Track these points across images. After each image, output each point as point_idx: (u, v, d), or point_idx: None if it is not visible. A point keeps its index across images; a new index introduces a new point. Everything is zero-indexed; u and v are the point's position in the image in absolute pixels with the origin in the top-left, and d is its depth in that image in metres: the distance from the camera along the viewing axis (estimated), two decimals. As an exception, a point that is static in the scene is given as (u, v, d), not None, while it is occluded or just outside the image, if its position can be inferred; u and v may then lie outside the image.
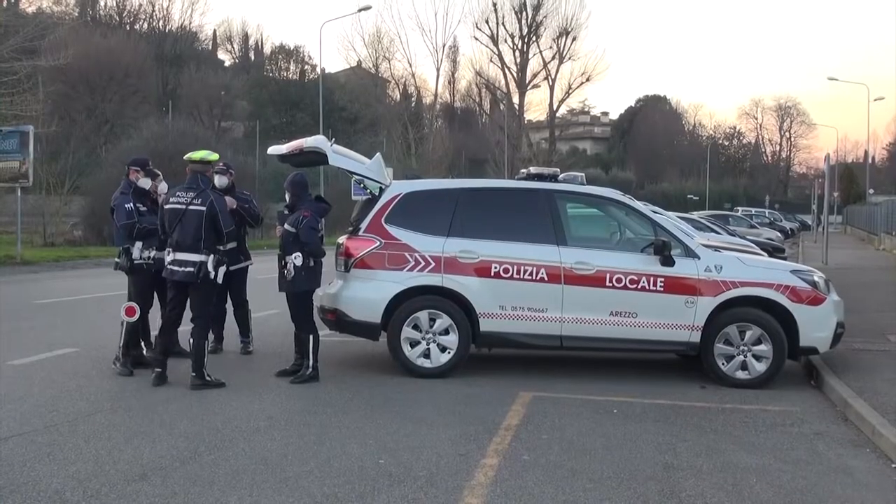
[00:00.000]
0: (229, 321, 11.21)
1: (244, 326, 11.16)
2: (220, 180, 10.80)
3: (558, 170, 10.66)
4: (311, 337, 9.60)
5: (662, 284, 9.58)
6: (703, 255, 9.77)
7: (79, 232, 40.46)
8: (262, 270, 13.81)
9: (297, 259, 9.54)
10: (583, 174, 10.75)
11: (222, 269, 9.18)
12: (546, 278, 9.62)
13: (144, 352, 10.19)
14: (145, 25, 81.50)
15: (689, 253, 9.75)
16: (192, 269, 8.98)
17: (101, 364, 10.25)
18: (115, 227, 9.83)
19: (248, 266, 11.15)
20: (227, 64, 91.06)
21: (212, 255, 9.02)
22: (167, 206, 9.13)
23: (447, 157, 70.43)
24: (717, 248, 10.29)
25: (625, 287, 9.57)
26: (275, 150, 10.59)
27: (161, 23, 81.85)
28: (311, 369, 9.58)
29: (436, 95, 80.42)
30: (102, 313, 15.06)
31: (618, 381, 9.87)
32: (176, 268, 9.05)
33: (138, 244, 9.93)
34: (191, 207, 9.01)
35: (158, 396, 8.67)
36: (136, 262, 9.91)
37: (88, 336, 12.34)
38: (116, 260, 10.11)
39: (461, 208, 9.98)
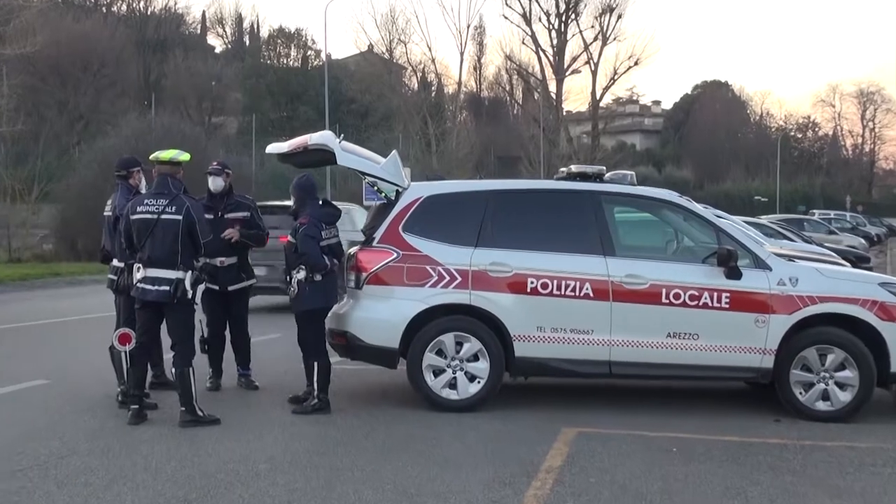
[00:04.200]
0: (227, 352, 11.17)
1: (244, 356, 11.14)
2: (214, 183, 10.83)
3: (604, 168, 10.64)
4: (315, 364, 9.63)
5: (728, 300, 9.53)
6: (776, 266, 9.71)
7: (49, 245, 40.74)
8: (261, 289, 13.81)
9: (299, 273, 9.59)
10: (632, 173, 10.71)
11: (201, 288, 9.22)
12: (591, 294, 9.58)
13: (153, 379, 10.38)
14: (124, 7, 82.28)
15: (759, 263, 9.70)
16: (167, 289, 9.00)
17: (75, 398, 10.30)
18: (120, 241, 9.80)
19: (250, 286, 11.14)
20: (217, 50, 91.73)
21: (189, 272, 9.07)
22: (135, 216, 9.15)
23: (473, 155, 70.49)
24: (791, 258, 10.22)
25: (684, 304, 9.53)
26: (274, 148, 10.62)
27: (142, 4, 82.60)
28: (317, 400, 9.62)
29: (459, 84, 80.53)
30: (78, 340, 15.14)
31: (677, 414, 9.80)
32: (148, 286, 9.07)
33: None
34: (164, 217, 9.04)
35: (142, 436, 8.68)
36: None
37: (61, 366, 12.40)
38: (111, 277, 10.15)
39: (491, 214, 9.97)
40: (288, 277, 9.71)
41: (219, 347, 10.99)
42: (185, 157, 9.48)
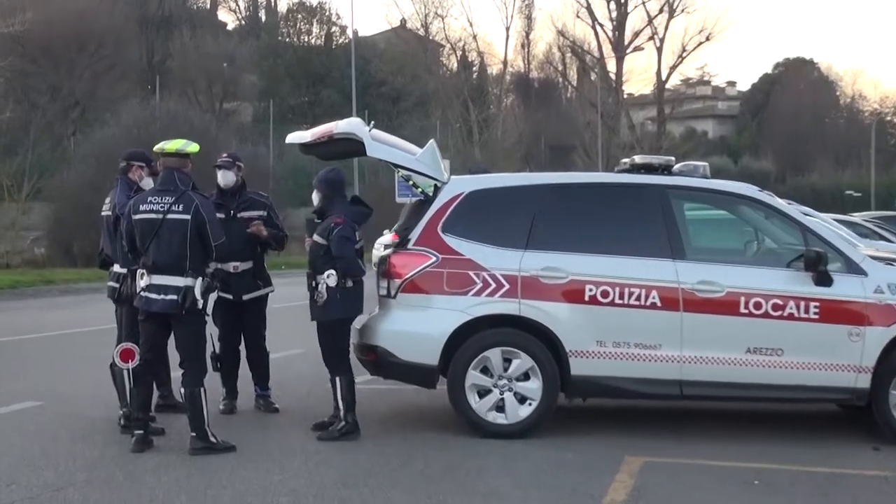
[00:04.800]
0: (243, 370, 11.23)
1: (262, 374, 11.18)
2: (225, 177, 10.89)
3: (672, 158, 10.60)
4: (338, 380, 9.69)
5: (817, 310, 9.47)
6: (872, 271, 9.64)
7: (41, 249, 41.18)
8: (280, 297, 13.88)
9: (329, 278, 9.62)
10: (705, 164, 10.68)
11: (213, 297, 9.24)
12: (659, 304, 9.56)
13: (160, 400, 10.53)
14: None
15: (853, 268, 9.64)
16: (174, 298, 9.04)
17: (71, 422, 10.39)
18: (121, 244, 9.86)
19: (267, 294, 11.19)
20: (230, 27, 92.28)
21: (199, 279, 9.11)
22: (138, 216, 9.21)
23: (522, 145, 70.57)
24: (890, 262, 10.13)
25: (766, 315, 9.48)
26: (295, 137, 10.65)
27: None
28: (344, 423, 9.65)
29: (505, 63, 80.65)
30: (74, 356, 15.26)
31: (757, 441, 9.75)
32: (153, 295, 9.12)
33: None
34: (170, 216, 9.09)
35: (147, 464, 8.73)
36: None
37: (55, 386, 12.51)
38: (112, 284, 10.23)
39: (543, 211, 9.97)
40: (314, 283, 9.74)
41: (233, 365, 11.04)
42: (194, 148, 9.50)
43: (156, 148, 9.50)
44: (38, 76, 61.87)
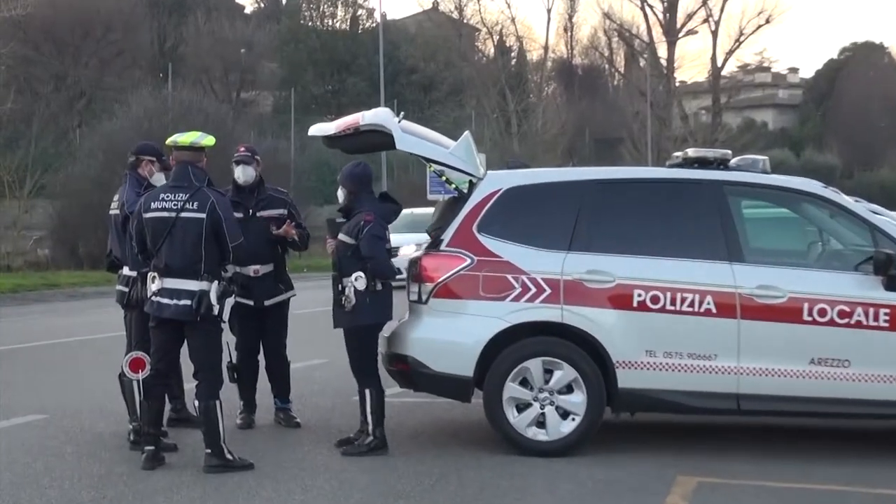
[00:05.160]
0: (262, 380, 11.24)
1: (283, 386, 11.17)
2: (244, 173, 10.91)
3: (728, 152, 10.56)
4: (368, 392, 9.71)
5: (888, 318, 9.41)
6: (949, 275, 9.56)
7: (45, 250, 41.35)
8: (302, 302, 13.91)
9: (357, 281, 9.63)
10: (765, 158, 10.63)
11: (229, 302, 9.24)
12: (715, 310, 9.53)
13: (172, 414, 10.55)
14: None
15: (927, 271, 9.56)
16: (188, 303, 9.06)
17: (77, 437, 10.45)
18: (130, 245, 9.89)
19: (289, 299, 11.21)
20: (248, 10, 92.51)
21: (215, 282, 9.13)
22: (149, 215, 9.23)
23: (564, 137, 70.40)
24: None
25: (831, 322, 9.44)
26: (319, 129, 10.68)
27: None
28: (372, 437, 9.67)
29: (546, 49, 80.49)
30: (80, 366, 15.34)
31: (821, 461, 9.70)
32: (165, 300, 9.14)
33: None
34: (184, 215, 9.12)
35: (159, 483, 8.77)
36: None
37: (60, 398, 12.58)
38: (121, 288, 10.26)
39: (588, 209, 9.96)
40: (340, 286, 9.76)
41: (252, 376, 11.04)
42: (209, 141, 9.53)
43: (168, 141, 9.53)
44: (41, 64, 62.19)
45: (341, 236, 9.81)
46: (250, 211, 10.77)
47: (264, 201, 10.96)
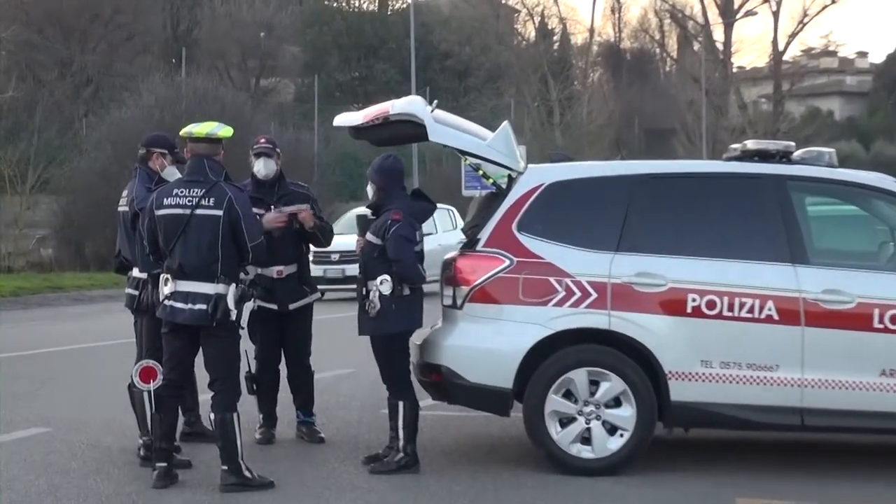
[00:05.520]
0: (284, 392, 11.27)
1: (306, 398, 11.16)
2: (265, 166, 10.90)
3: (792, 144, 10.52)
4: (401, 405, 9.70)
5: (966, 326, 9.37)
6: None
7: (48, 250, 41.52)
8: (324, 307, 13.99)
9: (383, 285, 9.63)
10: (831, 150, 10.59)
11: (248, 306, 9.24)
12: (776, 317, 9.49)
13: (186, 428, 10.60)
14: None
15: None
16: (203, 307, 9.07)
17: (83, 452, 10.50)
18: (141, 245, 9.90)
19: (313, 302, 11.22)
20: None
21: (233, 285, 9.15)
22: (161, 212, 9.25)
23: (611, 128, 70.35)
24: None
25: (905, 330, 9.39)
26: (345, 119, 10.70)
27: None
28: (402, 453, 9.67)
29: (591, 32, 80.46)
30: (86, 376, 15.41)
31: (893, 482, 9.65)
32: (179, 304, 9.16)
33: None
34: (199, 212, 9.13)
35: (171, 502, 8.81)
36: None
37: (65, 410, 12.65)
38: (131, 292, 10.30)
39: (637, 206, 9.94)
40: (364, 290, 9.78)
41: (272, 387, 11.06)
42: (227, 132, 9.56)
43: (182, 132, 9.56)
44: (45, 49, 62.34)
45: (368, 236, 9.82)
46: (271, 207, 10.79)
47: (286, 197, 10.97)
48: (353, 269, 18.45)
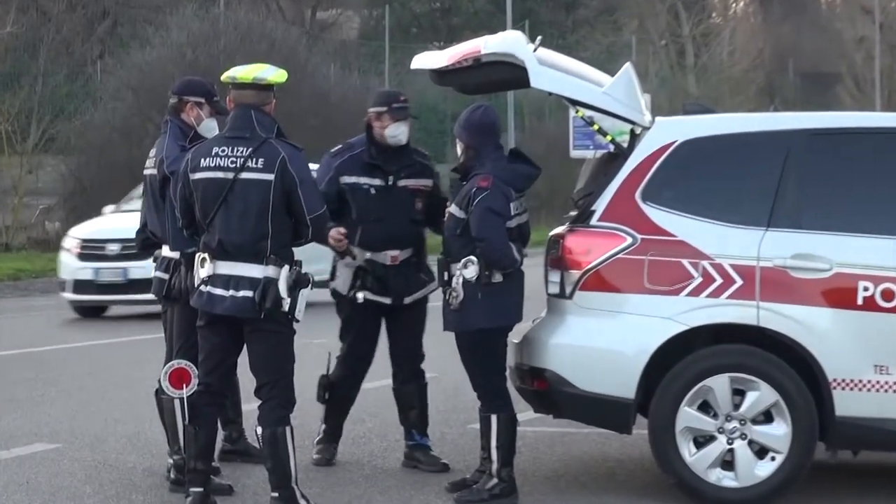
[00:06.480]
0: (370, 404, 11.25)
1: (422, 413, 10.97)
2: (403, 132, 10.78)
3: None
4: (495, 418, 9.71)
5: None
6: None
7: (55, 224, 41.73)
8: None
9: (467, 270, 9.63)
10: None
11: (304, 295, 9.19)
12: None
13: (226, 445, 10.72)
14: None
15: None
16: (249, 294, 9.08)
17: (99, 473, 10.61)
18: (170, 215, 10.02)
19: (429, 294, 11.08)
20: None
21: (285, 267, 9.14)
22: (198, 175, 9.27)
23: (759, 72, 69.84)
24: None
25: None
26: (425, 61, 10.69)
27: None
28: (496, 479, 9.66)
29: (734, -51, 79.87)
30: (103, 379, 15.54)
31: None
32: (219, 291, 9.17)
33: None
34: (245, 175, 9.14)
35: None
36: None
37: (76, 421, 12.78)
38: (159, 275, 10.30)
39: (794, 171, 9.87)
40: (446, 275, 9.81)
41: (349, 397, 11.01)
42: (279, 76, 9.57)
43: (224, 77, 9.57)
44: (52, -26, 62.97)
45: (451, 207, 9.82)
46: (390, 179, 10.77)
47: (409, 168, 10.89)
48: (141, 271, 18.71)
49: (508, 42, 10.13)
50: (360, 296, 10.20)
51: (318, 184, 10.17)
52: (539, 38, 10.33)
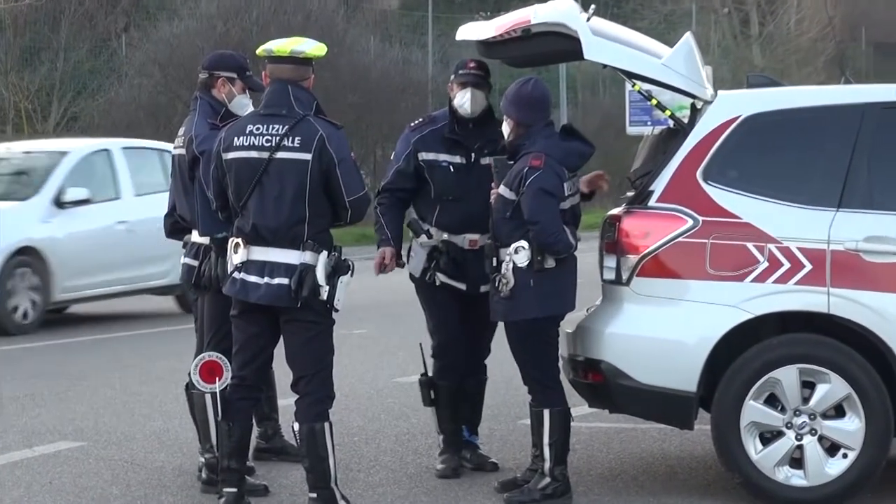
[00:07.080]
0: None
1: (476, 408, 10.91)
2: (472, 101, 10.53)
3: None
4: (547, 413, 9.71)
5: None
6: None
7: (78, 207, 42.02)
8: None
9: (518, 255, 9.61)
10: None
11: (344, 282, 9.15)
12: None
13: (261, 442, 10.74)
14: None
15: None
16: (285, 282, 9.07)
17: (126, 472, 10.66)
18: (200, 198, 10.07)
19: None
20: None
21: (323, 253, 9.13)
22: (230, 155, 9.26)
23: (829, 41, 69.51)
24: None
25: None
26: (471, 32, 10.66)
27: None
28: (549, 478, 9.66)
29: None
30: (129, 372, 15.61)
31: None
32: (253, 278, 9.15)
33: None
34: (280, 155, 9.13)
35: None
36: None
37: (102, 418, 12.83)
38: (188, 262, 10.32)
39: (868, 147, 9.83)
40: (495, 261, 9.78)
41: (457, 396, 10.68)
42: (319, 49, 9.54)
43: (259, 50, 9.55)
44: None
45: (500, 188, 9.77)
46: (472, 156, 10.62)
47: (494, 144, 10.55)
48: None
49: (560, 11, 10.07)
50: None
51: (396, 160, 10.27)
52: (592, 6, 10.28)
